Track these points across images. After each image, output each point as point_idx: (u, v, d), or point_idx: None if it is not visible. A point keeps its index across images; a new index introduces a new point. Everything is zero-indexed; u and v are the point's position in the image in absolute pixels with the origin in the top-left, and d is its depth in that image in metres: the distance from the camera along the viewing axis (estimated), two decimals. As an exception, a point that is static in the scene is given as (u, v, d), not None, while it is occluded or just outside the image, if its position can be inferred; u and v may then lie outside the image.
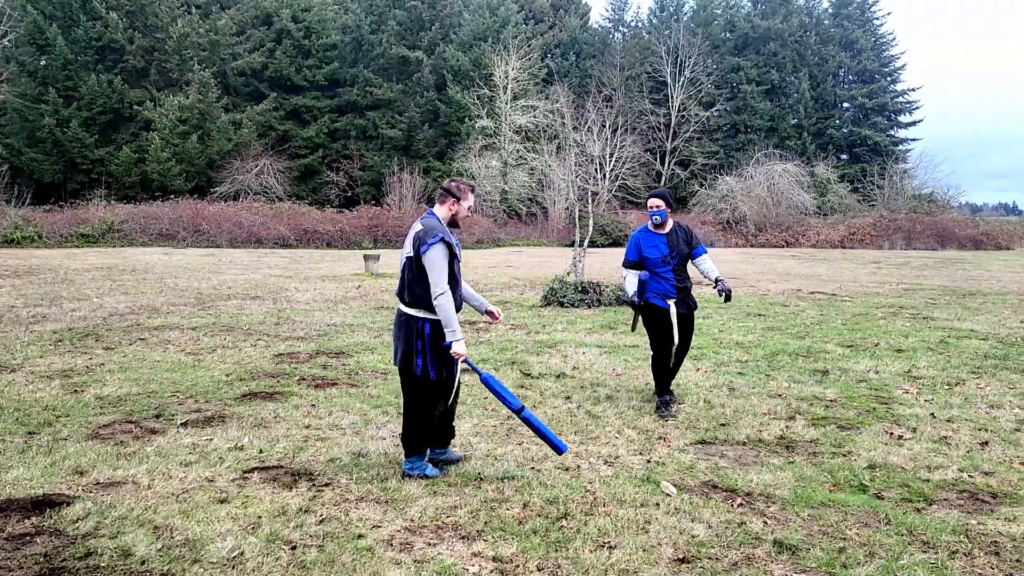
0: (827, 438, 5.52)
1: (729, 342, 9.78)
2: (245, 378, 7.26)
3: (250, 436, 5.30)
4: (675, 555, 3.55)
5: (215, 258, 24.13)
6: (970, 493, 4.49)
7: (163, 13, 38.69)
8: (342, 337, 9.75)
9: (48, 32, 36.28)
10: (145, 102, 37.76)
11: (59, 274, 18.00)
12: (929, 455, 5.17)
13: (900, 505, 4.30)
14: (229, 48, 41.55)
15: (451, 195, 4.72)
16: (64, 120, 36.00)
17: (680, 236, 6.42)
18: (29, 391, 6.61)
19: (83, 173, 36.98)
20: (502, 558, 3.46)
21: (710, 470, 4.80)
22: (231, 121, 39.76)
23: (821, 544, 3.73)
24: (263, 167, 39.43)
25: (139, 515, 3.76)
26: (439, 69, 44.88)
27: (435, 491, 4.29)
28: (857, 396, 6.84)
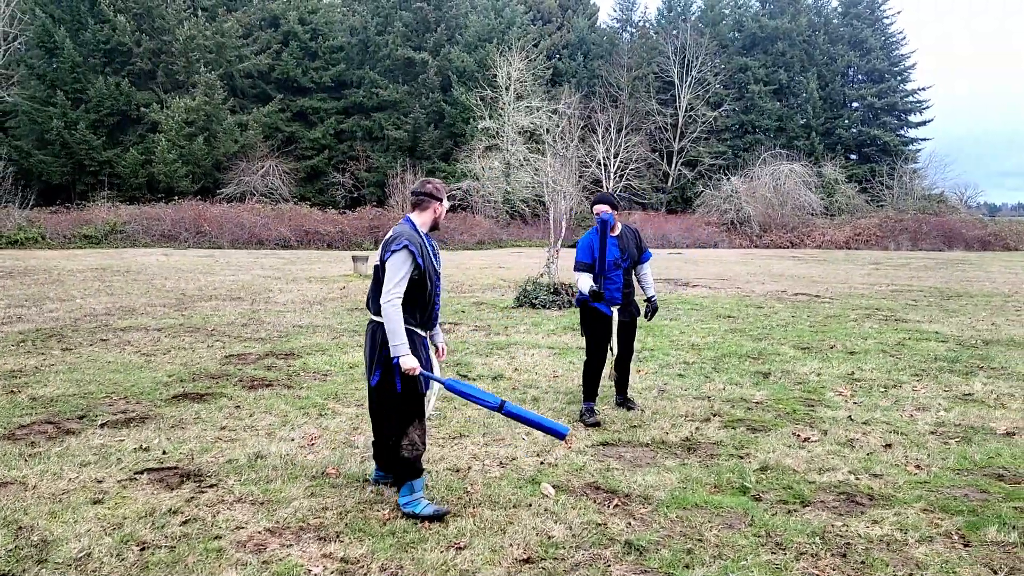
0: (733, 440, 5.56)
1: (684, 344, 9.80)
2: (185, 379, 7.39)
3: (161, 437, 5.42)
4: (521, 555, 3.62)
5: (212, 259, 24.40)
6: (848, 495, 4.52)
7: (170, 16, 39.13)
8: (300, 338, 9.88)
9: (57, 35, 36.80)
10: (152, 104, 38.21)
11: (52, 275, 18.28)
12: (827, 457, 5.19)
13: (774, 507, 4.33)
14: (236, 50, 41.93)
15: (432, 197, 4.40)
16: (72, 122, 36.50)
17: (631, 238, 6.42)
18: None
19: (91, 175, 37.47)
20: (350, 559, 3.54)
21: (599, 472, 4.85)
22: (237, 123, 40.13)
23: (672, 545, 3.79)
24: (269, 168, 39.77)
25: (8, 516, 3.88)
26: (444, 70, 45.06)
27: (315, 493, 4.38)
28: (786, 399, 6.86)
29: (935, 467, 5.03)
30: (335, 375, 7.65)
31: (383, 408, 4.27)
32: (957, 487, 4.66)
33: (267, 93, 44.01)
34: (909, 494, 4.53)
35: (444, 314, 12.29)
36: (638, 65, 51.00)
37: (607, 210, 6.25)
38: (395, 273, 4.11)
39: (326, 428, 5.71)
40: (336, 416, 6.06)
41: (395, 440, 4.18)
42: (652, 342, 9.91)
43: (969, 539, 3.91)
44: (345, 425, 5.80)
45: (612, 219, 6.28)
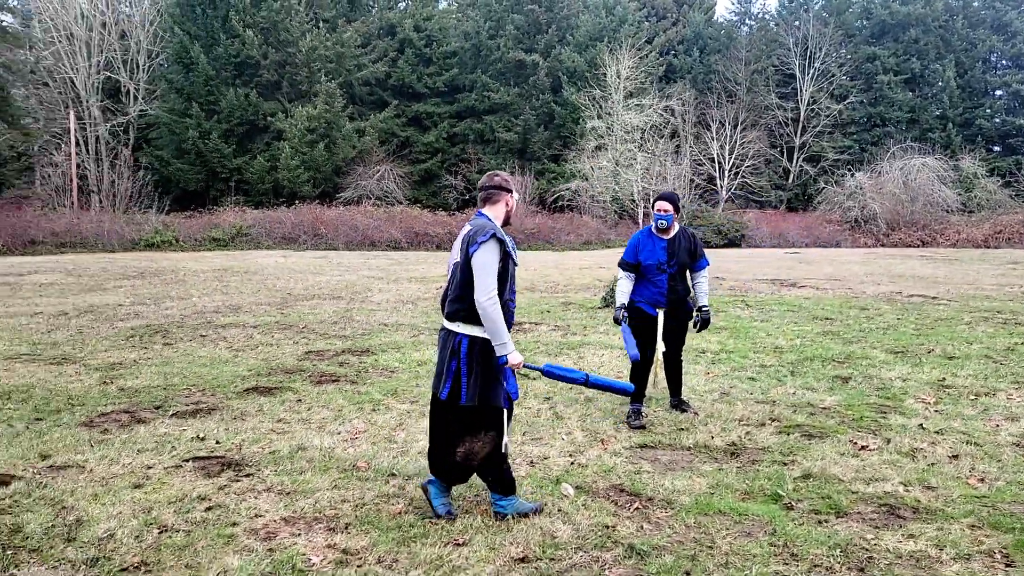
0: (782, 446, 5.31)
1: (767, 346, 9.43)
2: (262, 374, 7.76)
3: (220, 428, 5.72)
4: (518, 554, 3.60)
5: (325, 260, 25.44)
6: (891, 508, 4.23)
7: (294, 28, 41.08)
8: (380, 336, 10.17)
9: (192, 51, 39.36)
10: (277, 113, 40.22)
11: (178, 275, 19.59)
12: (880, 467, 4.88)
13: (803, 517, 4.12)
14: (354, 59, 43.55)
15: (502, 189, 4.21)
16: (206, 132, 38.94)
17: (683, 244, 6.18)
18: (68, 381, 7.38)
19: (222, 181, 39.86)
20: (350, 550, 3.64)
21: (627, 474, 4.75)
22: (355, 129, 41.67)
23: (677, 551, 3.67)
24: (384, 172, 41.06)
25: (56, 496, 4.21)
26: (555, 71, 45.17)
27: (339, 485, 4.51)
28: (857, 405, 6.49)
29: (1001, 481, 4.64)
30: (401, 372, 7.83)
31: (457, 422, 4.01)
32: (1018, 503, 4.27)
33: (383, 100, 45.47)
34: (959, 509, 4.20)
35: (528, 314, 12.34)
36: (757, 59, 49.39)
37: (667, 209, 6.10)
38: (489, 267, 3.84)
39: (373, 423, 5.87)
40: (388, 412, 6.21)
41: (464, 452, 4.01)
42: (733, 344, 9.59)
43: (1013, 559, 3.59)
44: (392, 421, 5.93)
45: (670, 220, 6.10)
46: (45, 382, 7.33)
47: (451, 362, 3.93)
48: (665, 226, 6.10)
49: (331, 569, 3.43)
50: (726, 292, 16.06)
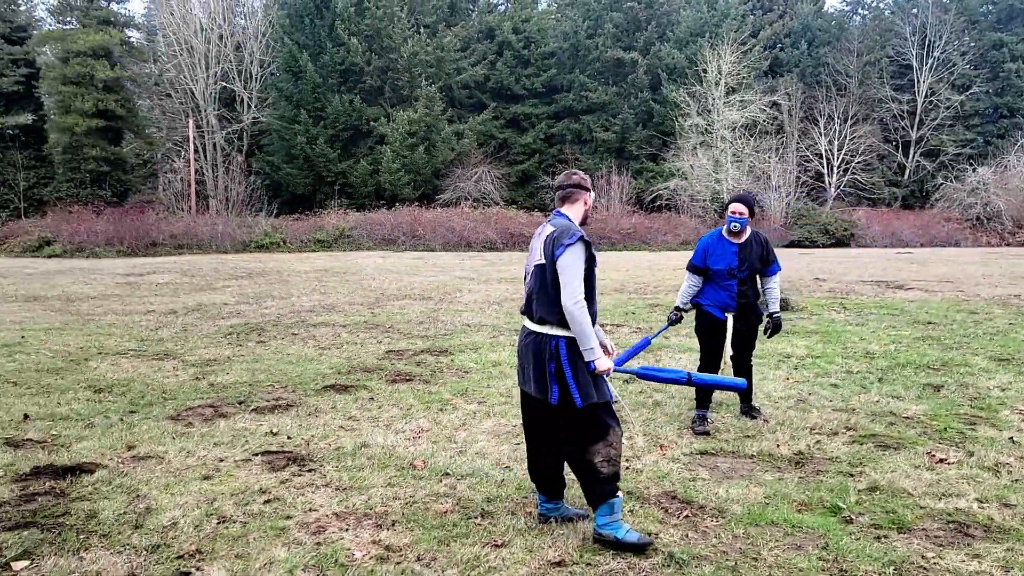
0: (852, 456, 5.09)
1: (858, 351, 9.03)
2: (342, 372, 8.03)
3: (294, 424, 5.96)
4: (555, 558, 3.61)
5: (422, 261, 26.01)
6: (960, 525, 4.00)
7: (396, 35, 42.15)
8: (461, 336, 10.33)
9: (301, 60, 40.98)
10: (380, 118, 41.37)
11: (281, 276, 20.46)
12: (956, 482, 4.61)
13: (862, 531, 3.94)
14: (454, 63, 44.27)
15: (581, 188, 4.06)
16: (313, 138, 40.46)
17: (755, 249, 6.03)
18: (165, 376, 7.85)
19: (328, 185, 41.32)
20: (392, 547, 3.73)
21: (682, 481, 4.67)
22: (454, 132, 42.38)
23: (719, 561, 3.59)
24: (481, 174, 41.58)
25: (132, 485, 4.50)
26: (654, 68, 44.58)
27: (393, 483, 4.63)
28: (944, 415, 6.14)
29: (1091, 502, 4.30)
30: (474, 373, 7.94)
31: (571, 426, 3.85)
32: (1106, 527, 3.96)
33: (482, 102, 46.02)
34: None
35: (612, 315, 12.26)
36: (870, 49, 47.24)
37: (742, 212, 5.93)
38: (576, 270, 3.73)
39: (438, 423, 5.98)
40: (454, 412, 6.32)
41: (580, 456, 3.82)
42: (821, 348, 9.24)
43: (1088, 587, 3.33)
44: (456, 421, 6.03)
45: (744, 223, 5.94)
46: (144, 376, 7.82)
47: (550, 365, 3.79)
48: (739, 229, 5.95)
49: (371, 564, 3.53)
50: (824, 294, 15.47)
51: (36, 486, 4.40)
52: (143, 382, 7.53)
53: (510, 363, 8.24)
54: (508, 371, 7.90)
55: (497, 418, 6.11)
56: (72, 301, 14.86)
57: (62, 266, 24.21)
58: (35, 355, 9.04)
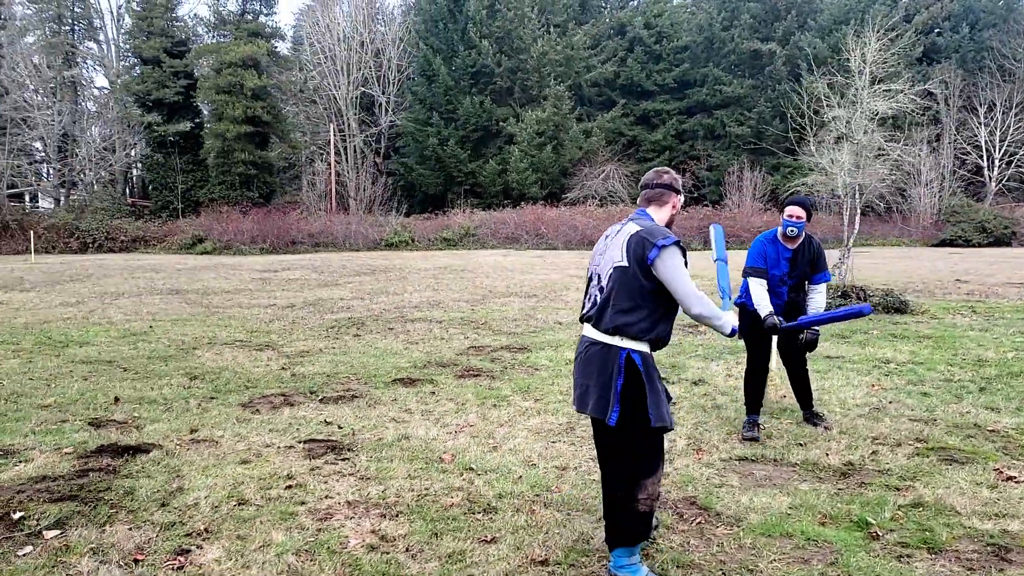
0: (906, 470, 4.72)
1: (968, 358, 8.33)
2: (419, 366, 8.24)
3: (350, 414, 6.19)
4: (538, 556, 3.57)
5: (541, 259, 26.16)
6: (999, 548, 3.63)
7: (526, 35, 42.59)
8: (547, 334, 10.34)
9: (434, 64, 42.22)
10: (509, 118, 41.95)
11: (402, 273, 21.18)
12: (1018, 502, 4.18)
13: (885, 548, 3.66)
14: (583, 61, 44.22)
15: (672, 190, 3.69)
16: (444, 139, 41.58)
17: (806, 255, 5.71)
18: (256, 365, 8.34)
19: (458, 185, 42.34)
20: (388, 537, 3.81)
21: (707, 487, 4.49)
22: (582, 130, 42.34)
23: (710, 570, 3.43)
24: (609, 172, 41.30)
25: (176, 466, 4.83)
26: (793, 59, 42.71)
27: (414, 475, 4.72)
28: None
29: None
30: (544, 371, 7.93)
31: (622, 452, 3.48)
32: None
33: (611, 99, 45.70)
34: (1088, 561, 3.50)
35: (686, 318, 11.88)
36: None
37: (800, 216, 5.57)
38: (682, 274, 3.37)
39: (486, 418, 6.03)
40: (507, 408, 6.35)
41: (626, 491, 3.45)
42: (928, 354, 8.58)
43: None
44: (503, 418, 6.06)
45: (801, 228, 5.59)
46: (238, 365, 8.33)
47: (617, 382, 3.35)
48: (795, 234, 5.61)
49: (361, 552, 3.63)
50: (960, 297, 14.38)
51: (94, 463, 4.81)
52: (234, 370, 8.03)
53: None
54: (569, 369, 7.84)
55: (546, 416, 6.09)
56: (207, 295, 16.01)
57: (209, 262, 26.12)
58: (154, 343, 9.83)
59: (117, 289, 17.03)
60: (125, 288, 17.25)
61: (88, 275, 20.62)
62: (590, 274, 3.62)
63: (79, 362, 8.48)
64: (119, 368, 8.16)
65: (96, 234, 30.92)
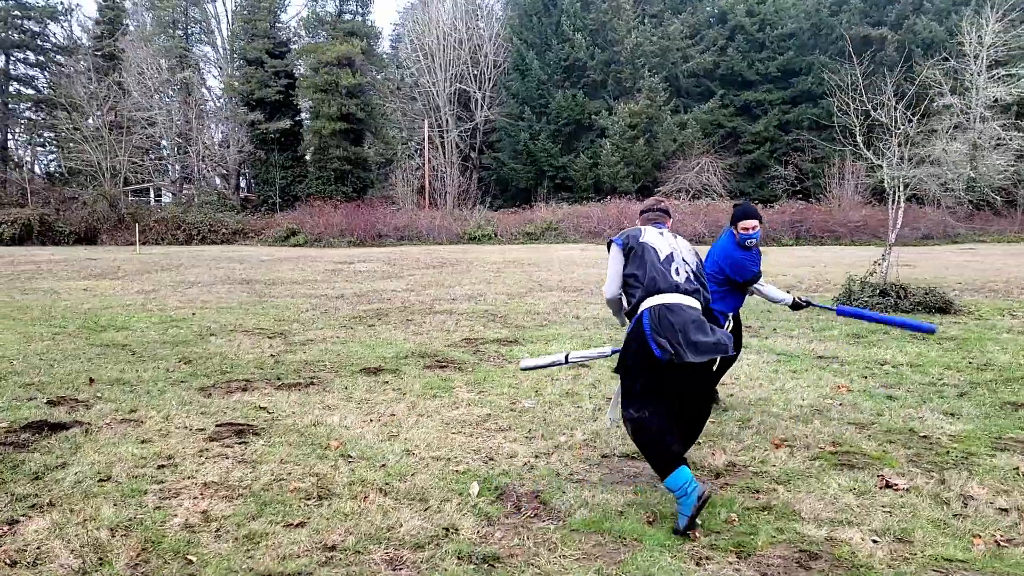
0: (785, 473, 4.47)
1: (978, 362, 7.71)
2: (401, 356, 8.38)
3: (293, 399, 6.41)
4: (330, 542, 3.62)
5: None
6: (808, 555, 3.39)
7: (620, 27, 42.09)
8: (552, 328, 10.28)
9: (527, 58, 42.41)
10: (601, 112, 41.61)
11: (468, 266, 21.45)
12: (872, 510, 3.88)
13: (693, 550, 3.50)
14: (680, 52, 43.24)
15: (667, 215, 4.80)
16: (536, 134, 41.72)
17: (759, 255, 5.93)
18: (252, 352, 8.68)
19: (549, 179, 42.37)
20: (211, 515, 3.94)
21: (561, 481, 4.39)
22: (677, 122, 41.45)
23: (504, 560, 3.40)
24: (704, 165, 40.25)
25: (83, 443, 5.15)
26: (907, 44, 40.22)
27: (289, 459, 4.85)
28: (981, 437, 5.12)
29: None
30: (516, 363, 7.91)
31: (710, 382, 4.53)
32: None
33: (710, 90, 44.48)
34: (911, 567, 3.23)
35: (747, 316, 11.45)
36: None
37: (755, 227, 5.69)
38: None
39: (413, 408, 6.09)
40: (442, 399, 6.40)
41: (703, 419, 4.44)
42: (935, 356, 8.01)
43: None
44: (431, 408, 6.11)
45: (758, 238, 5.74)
46: (235, 351, 8.73)
47: None
48: (754, 244, 5.71)
49: (172, 531, 3.77)
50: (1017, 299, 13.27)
51: (12, 437, 5.22)
52: (226, 356, 8.43)
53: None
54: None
55: (472, 407, 6.10)
56: (273, 284, 16.79)
57: (295, 254, 27.32)
58: (184, 329, 10.43)
59: (196, 278, 18.11)
60: (203, 278, 18.32)
61: (178, 265, 22.02)
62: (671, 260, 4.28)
63: (100, 345, 9.11)
64: (129, 352, 8.70)
65: (200, 227, 32.93)
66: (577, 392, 6.62)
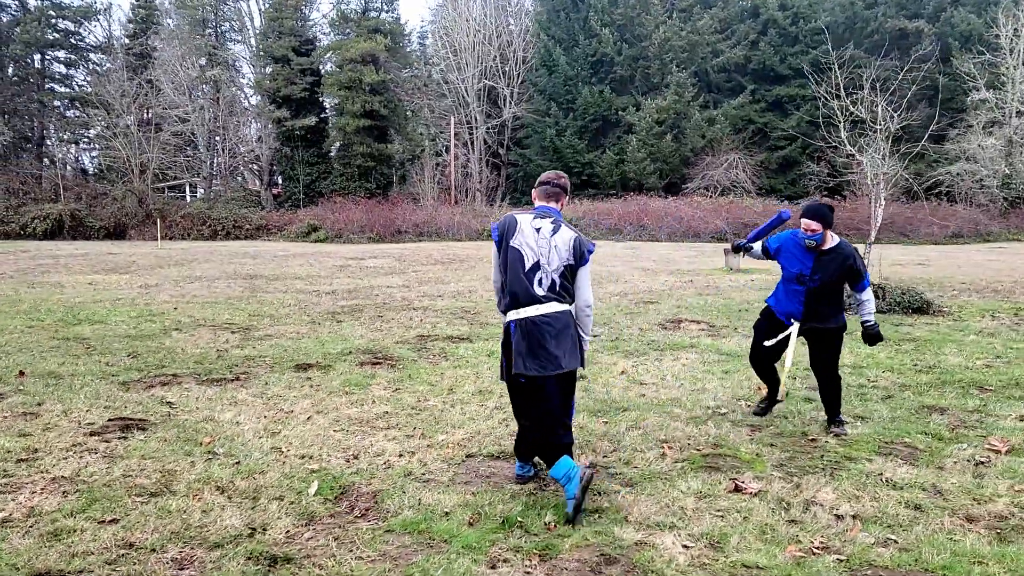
0: (642, 475, 4.32)
1: (924, 365, 7.39)
2: (344, 352, 8.35)
3: (205, 395, 6.43)
4: (131, 539, 3.60)
5: (631, 251, 25.55)
6: (608, 559, 3.25)
7: (648, 22, 41.62)
8: (512, 326, 10.16)
9: (554, 54, 42.20)
10: (628, 108, 41.20)
11: (474, 263, 21.39)
12: (696, 514, 3.71)
13: (497, 553, 3.39)
14: (710, 46, 42.60)
15: (566, 192, 4.51)
16: (562, 130, 41.49)
17: (836, 262, 5.30)
18: (199, 347, 8.75)
19: (575, 176, 42.04)
20: (36, 512, 3.95)
21: (407, 482, 4.31)
22: (705, 118, 40.85)
23: (300, 563, 3.33)
24: (733, 161, 39.61)
25: None
26: (944, 37, 39.05)
27: (152, 456, 4.84)
28: (867, 444, 4.89)
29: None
30: (451, 360, 7.84)
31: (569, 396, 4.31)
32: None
33: (741, 85, 43.73)
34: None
35: (708, 313, 11.21)
36: None
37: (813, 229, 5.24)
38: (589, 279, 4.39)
39: (316, 405, 6.06)
40: (352, 396, 6.35)
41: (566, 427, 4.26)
42: (882, 358, 7.70)
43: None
44: (331, 405, 6.06)
45: (819, 239, 5.25)
46: (187, 346, 8.80)
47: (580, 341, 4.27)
48: (814, 246, 5.30)
49: None
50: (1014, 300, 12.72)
51: None
52: (174, 351, 8.49)
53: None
54: (477, 361, 7.72)
55: (372, 405, 6.05)
56: (274, 280, 16.92)
57: (311, 249, 27.56)
58: (155, 323, 10.55)
59: (202, 273, 18.37)
60: (210, 272, 18.58)
61: (191, 260, 22.38)
62: (535, 261, 4.17)
63: (61, 338, 9.26)
64: (85, 345, 8.82)
65: (225, 222, 33.44)
66: (490, 391, 6.52)
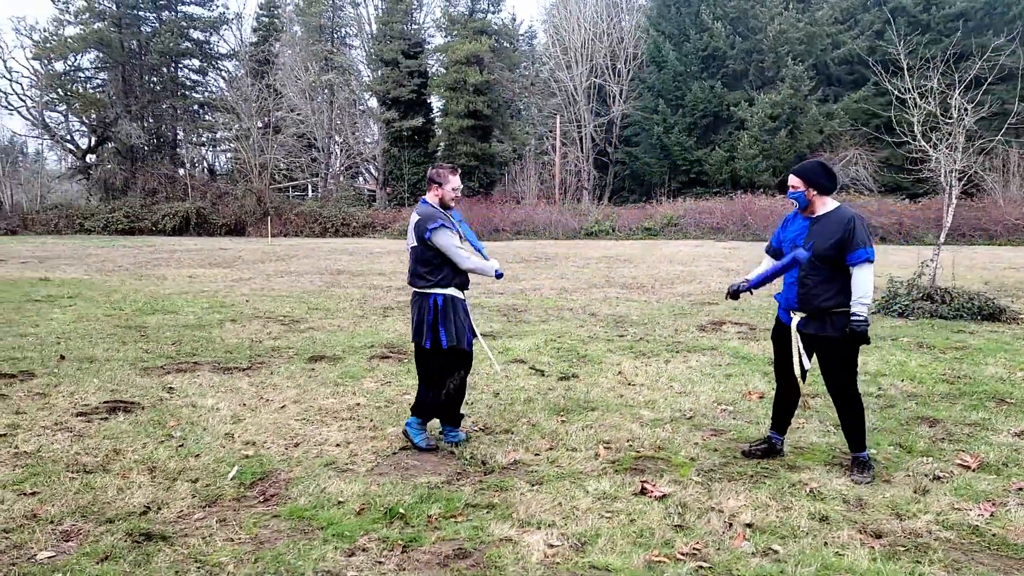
0: (569, 474, 4.21)
1: (957, 374, 6.80)
2: (366, 346, 8.58)
3: (209, 383, 6.77)
4: (39, 510, 3.85)
5: (725, 252, 24.70)
6: (463, 552, 3.22)
7: (763, 14, 40.14)
8: (529, 325, 10.10)
9: (664, 49, 41.42)
10: (740, 103, 39.90)
11: (554, 262, 21.34)
12: (585, 512, 3.59)
13: (370, 541, 3.42)
14: (829, 37, 40.60)
15: (433, 182, 4.98)
16: (670, 127, 40.68)
17: (828, 228, 4.41)
18: (239, 336, 9.20)
19: (683, 173, 41.18)
20: None
21: (327, 473, 4.38)
22: (823, 112, 38.99)
23: (176, 544, 3.48)
24: (852, 158, 37.58)
25: None
26: (1098, 19, 35.56)
27: (114, 437, 5.14)
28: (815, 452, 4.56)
29: None
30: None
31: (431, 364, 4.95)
32: None
33: (864, 77, 41.39)
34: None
35: (757, 315, 10.72)
36: None
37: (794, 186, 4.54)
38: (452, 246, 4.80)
39: (301, 395, 6.26)
40: (335, 388, 6.52)
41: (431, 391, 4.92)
42: (914, 366, 7.15)
43: None
44: (311, 396, 6.24)
45: (801, 198, 4.52)
46: (230, 337, 9.27)
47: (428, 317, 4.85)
48: (801, 206, 4.57)
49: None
50: None
51: None
52: (215, 340, 8.96)
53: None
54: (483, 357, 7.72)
55: (355, 397, 6.19)
56: (356, 276, 17.52)
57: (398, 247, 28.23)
58: (219, 315, 11.17)
59: (296, 268, 19.27)
60: (303, 268, 19.46)
61: (291, 256, 23.50)
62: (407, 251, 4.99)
63: (124, 326, 9.96)
64: (139, 333, 9.45)
65: (334, 220, 34.86)
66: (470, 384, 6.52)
